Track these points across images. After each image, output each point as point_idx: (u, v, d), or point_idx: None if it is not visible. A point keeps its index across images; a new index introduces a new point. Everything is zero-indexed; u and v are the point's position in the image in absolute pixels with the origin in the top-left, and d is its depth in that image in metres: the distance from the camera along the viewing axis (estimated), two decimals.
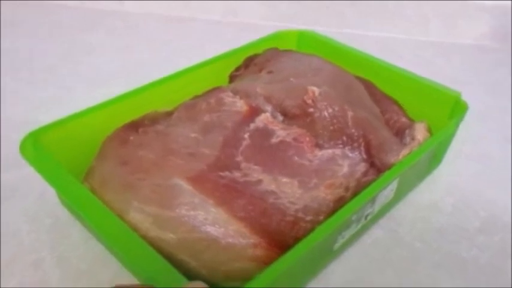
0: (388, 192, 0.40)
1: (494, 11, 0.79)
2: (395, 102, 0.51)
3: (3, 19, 0.83)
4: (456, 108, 0.47)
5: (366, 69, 0.53)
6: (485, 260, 0.42)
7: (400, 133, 0.46)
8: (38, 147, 0.38)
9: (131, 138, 0.41)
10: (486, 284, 0.40)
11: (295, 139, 0.40)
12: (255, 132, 0.40)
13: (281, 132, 0.41)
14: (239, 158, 0.38)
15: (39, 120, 0.41)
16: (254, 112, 0.42)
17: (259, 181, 0.37)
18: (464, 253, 0.42)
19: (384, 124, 0.46)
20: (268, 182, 0.37)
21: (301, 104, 0.42)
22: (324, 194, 0.37)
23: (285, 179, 0.38)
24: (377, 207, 0.40)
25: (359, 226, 0.39)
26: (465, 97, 0.47)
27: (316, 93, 0.42)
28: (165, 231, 0.34)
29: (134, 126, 0.42)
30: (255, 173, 0.37)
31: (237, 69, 0.54)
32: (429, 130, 0.45)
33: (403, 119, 0.48)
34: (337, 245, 0.38)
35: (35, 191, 0.46)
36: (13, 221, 0.43)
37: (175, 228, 0.34)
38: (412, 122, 0.48)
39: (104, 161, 0.39)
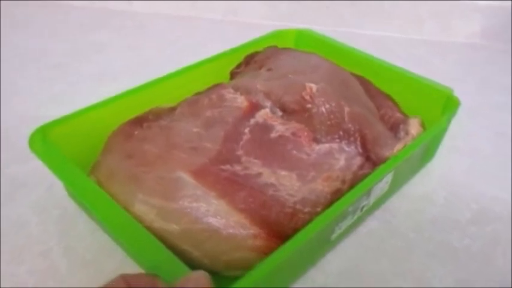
0: (383, 184, 0.41)
1: (486, 11, 0.80)
2: (390, 98, 0.51)
3: (14, 18, 0.83)
4: (448, 104, 0.48)
5: (362, 66, 0.54)
6: (476, 249, 0.43)
7: (395, 128, 0.46)
8: (47, 141, 0.39)
9: (136, 132, 0.41)
10: (477, 272, 0.40)
11: (293, 134, 0.41)
12: (255, 127, 0.41)
13: (280, 127, 0.41)
14: (240, 152, 0.39)
15: (47, 115, 0.42)
16: (254, 108, 0.42)
17: (259, 174, 0.38)
18: (456, 243, 0.43)
19: (379, 119, 0.47)
20: (267, 175, 0.38)
21: (300, 100, 0.43)
22: (322, 187, 0.38)
23: (283, 172, 0.38)
24: (372, 199, 0.41)
25: (355, 217, 0.40)
26: (457, 93, 0.48)
27: (314, 90, 0.43)
28: (169, 222, 0.34)
29: (139, 121, 0.42)
30: (255, 166, 0.38)
31: (238, 66, 0.54)
32: (423, 125, 0.46)
33: (398, 115, 0.48)
34: (334, 236, 0.39)
35: (43, 183, 0.46)
36: (22, 212, 0.44)
37: (179, 219, 0.34)
38: (406, 117, 0.48)
39: (109, 155, 0.40)
